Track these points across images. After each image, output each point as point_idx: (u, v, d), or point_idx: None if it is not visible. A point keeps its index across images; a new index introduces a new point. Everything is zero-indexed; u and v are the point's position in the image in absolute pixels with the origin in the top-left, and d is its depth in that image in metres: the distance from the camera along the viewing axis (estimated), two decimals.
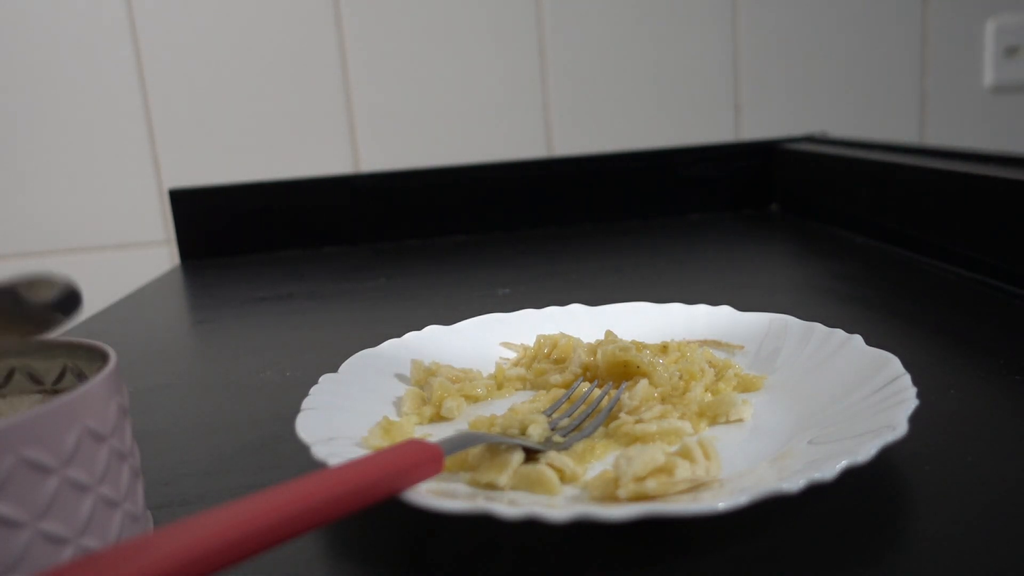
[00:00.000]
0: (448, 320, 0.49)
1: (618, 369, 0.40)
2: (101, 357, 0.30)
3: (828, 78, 1.10)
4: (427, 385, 0.41)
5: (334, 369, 0.41)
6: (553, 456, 0.32)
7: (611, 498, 0.29)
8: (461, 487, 0.31)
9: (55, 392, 0.32)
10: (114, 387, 0.27)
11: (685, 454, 0.30)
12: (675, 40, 1.06)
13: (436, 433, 0.37)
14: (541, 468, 0.31)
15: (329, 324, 0.65)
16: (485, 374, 0.44)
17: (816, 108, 1.10)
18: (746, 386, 0.40)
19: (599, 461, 0.34)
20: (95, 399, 0.25)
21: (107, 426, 0.26)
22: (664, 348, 0.43)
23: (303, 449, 0.32)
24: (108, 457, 0.25)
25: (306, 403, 0.36)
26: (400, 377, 0.43)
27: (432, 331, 0.47)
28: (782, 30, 1.08)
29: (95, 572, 0.19)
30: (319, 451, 0.31)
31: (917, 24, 1.10)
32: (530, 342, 0.47)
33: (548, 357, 0.45)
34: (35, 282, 0.25)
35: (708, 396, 0.39)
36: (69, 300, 0.26)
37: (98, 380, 0.26)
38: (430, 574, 0.28)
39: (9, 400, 0.31)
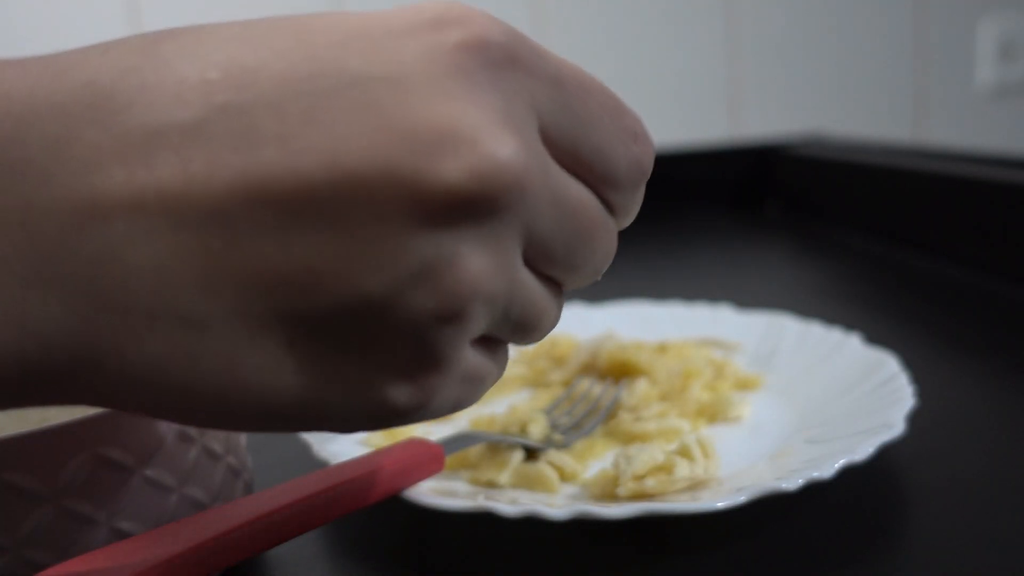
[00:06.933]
0: None
1: (617, 368, 0.41)
2: None
3: (824, 79, 1.10)
4: None
5: None
6: (553, 454, 0.32)
7: (610, 496, 0.29)
8: (462, 485, 0.31)
9: None
10: None
11: (684, 453, 0.30)
12: (671, 40, 1.06)
13: (437, 432, 0.37)
14: (541, 466, 0.31)
15: None
16: None
17: (812, 108, 1.10)
18: (744, 385, 0.40)
19: (598, 459, 0.34)
20: None
21: None
22: (663, 347, 0.44)
23: (304, 448, 0.32)
24: None
25: None
26: None
27: None
28: (778, 30, 1.08)
29: (99, 569, 0.19)
30: (320, 450, 0.31)
31: (912, 24, 1.10)
32: None
33: (548, 355, 0.45)
34: None
35: (707, 395, 0.39)
36: None
37: None
38: (430, 573, 0.28)
39: None
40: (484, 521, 0.28)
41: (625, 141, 0.19)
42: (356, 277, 0.16)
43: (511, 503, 0.27)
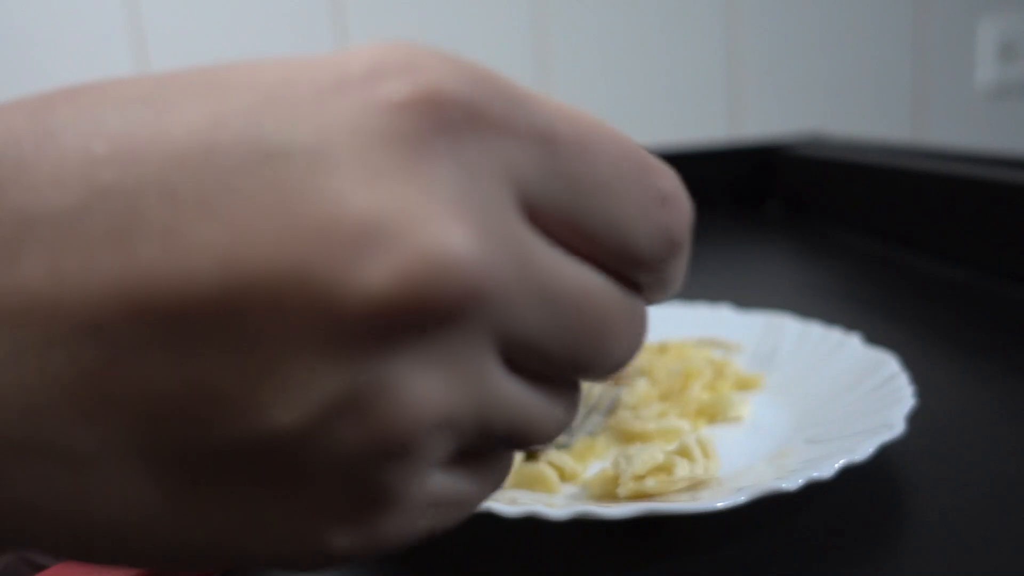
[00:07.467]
0: None
1: None
2: None
3: (824, 79, 1.10)
4: None
5: None
6: (553, 454, 0.32)
7: (610, 496, 0.29)
8: None
9: None
10: None
11: (684, 453, 0.30)
12: (671, 40, 1.06)
13: None
14: (541, 466, 0.31)
15: None
16: None
17: (812, 108, 1.10)
18: (744, 385, 0.40)
19: (598, 459, 0.34)
20: None
21: None
22: (663, 347, 0.44)
23: None
24: None
25: None
26: None
27: None
28: (778, 31, 1.08)
29: (99, 569, 0.19)
30: None
31: (912, 24, 1.10)
32: None
33: None
34: None
35: (707, 395, 0.39)
36: None
37: None
38: (430, 573, 0.28)
39: None
40: (484, 521, 0.28)
41: (646, 206, 0.15)
42: (260, 407, 0.12)
43: (511, 503, 0.27)
